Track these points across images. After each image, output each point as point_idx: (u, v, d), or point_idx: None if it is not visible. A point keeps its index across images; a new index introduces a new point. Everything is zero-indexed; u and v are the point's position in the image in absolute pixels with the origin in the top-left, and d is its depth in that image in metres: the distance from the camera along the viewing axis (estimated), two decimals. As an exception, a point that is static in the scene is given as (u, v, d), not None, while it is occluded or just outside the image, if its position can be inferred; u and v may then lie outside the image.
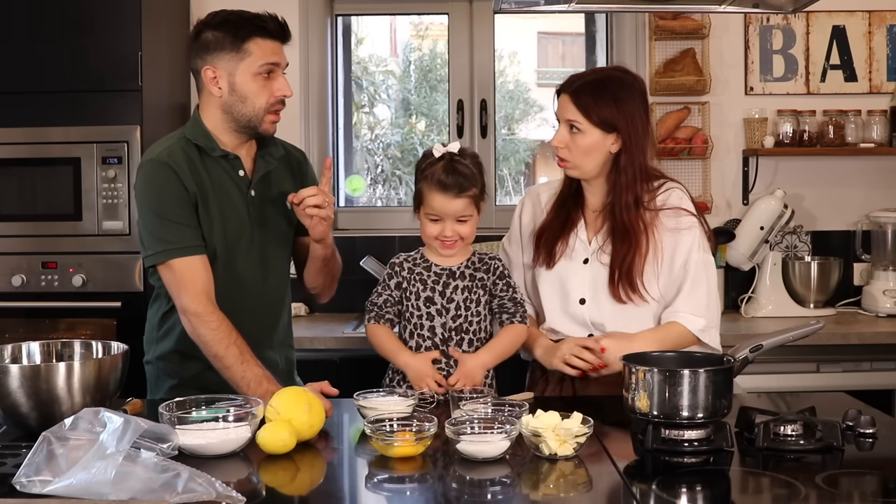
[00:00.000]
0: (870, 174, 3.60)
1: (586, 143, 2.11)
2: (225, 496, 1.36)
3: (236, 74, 2.04)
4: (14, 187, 3.08)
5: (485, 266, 2.15)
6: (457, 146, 2.12)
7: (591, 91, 2.11)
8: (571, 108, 2.11)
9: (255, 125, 2.08)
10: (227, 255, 2.10)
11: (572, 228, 2.21)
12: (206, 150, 2.10)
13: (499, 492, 1.50)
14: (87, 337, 2.92)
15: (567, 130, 2.13)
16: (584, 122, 2.10)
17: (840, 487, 1.50)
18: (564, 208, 2.23)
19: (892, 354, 3.06)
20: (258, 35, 2.03)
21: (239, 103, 2.06)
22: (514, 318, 2.14)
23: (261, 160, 2.16)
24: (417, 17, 4.01)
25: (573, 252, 2.19)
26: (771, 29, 3.58)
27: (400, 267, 2.16)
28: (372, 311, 2.16)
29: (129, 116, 3.03)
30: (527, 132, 4.15)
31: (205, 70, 2.06)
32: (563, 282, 2.19)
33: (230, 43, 2.03)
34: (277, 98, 2.07)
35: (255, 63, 2.03)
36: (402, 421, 1.68)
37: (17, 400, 1.68)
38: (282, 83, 2.07)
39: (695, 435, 1.61)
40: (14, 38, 3.05)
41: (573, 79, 2.16)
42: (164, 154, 2.08)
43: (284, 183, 2.20)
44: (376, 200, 4.03)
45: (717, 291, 2.20)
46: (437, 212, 2.08)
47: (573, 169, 2.16)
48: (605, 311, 2.15)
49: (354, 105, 3.98)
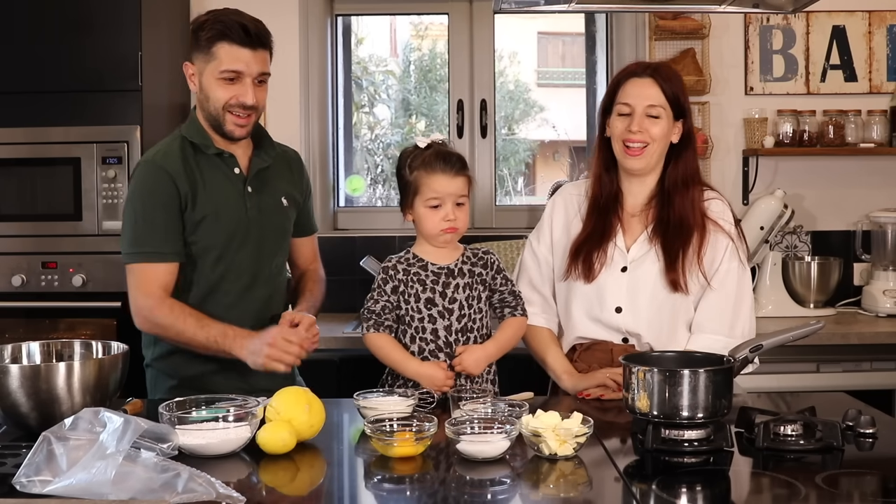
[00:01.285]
0: (870, 174, 3.60)
1: (662, 130, 2.09)
2: (225, 496, 1.36)
3: (204, 75, 2.11)
4: (14, 187, 3.08)
5: (481, 261, 2.13)
6: (441, 137, 2.14)
7: (669, 74, 2.10)
8: (655, 93, 2.08)
9: (220, 124, 2.13)
10: (223, 251, 2.13)
11: (610, 237, 2.15)
12: (200, 148, 2.15)
13: (499, 492, 1.50)
14: (87, 337, 2.92)
15: (644, 117, 2.08)
16: (665, 105, 2.08)
17: (840, 487, 1.50)
18: (601, 216, 2.17)
19: (892, 354, 3.06)
20: (223, 40, 2.08)
21: (205, 101, 2.14)
22: (516, 311, 2.14)
23: (256, 158, 2.21)
24: (417, 17, 4.01)
25: (611, 261, 2.15)
26: (771, 29, 3.58)
27: (394, 269, 2.10)
28: (370, 318, 2.08)
29: (129, 116, 3.04)
30: (527, 132, 4.15)
31: (184, 66, 2.15)
32: (601, 290, 2.14)
33: (203, 44, 2.10)
34: (238, 102, 2.09)
35: (218, 68, 2.09)
36: (402, 421, 1.68)
37: (17, 400, 1.68)
38: (243, 89, 2.10)
39: (695, 435, 1.61)
40: (14, 38, 3.05)
41: (641, 66, 2.13)
42: (159, 156, 2.14)
43: (280, 180, 2.26)
44: (376, 200, 4.03)
45: (750, 303, 2.15)
46: (439, 193, 2.05)
47: (646, 157, 2.10)
48: (641, 320, 2.12)
49: (354, 105, 3.98)
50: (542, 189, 4.03)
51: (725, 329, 2.10)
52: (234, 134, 2.14)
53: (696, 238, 2.11)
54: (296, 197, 2.30)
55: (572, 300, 2.19)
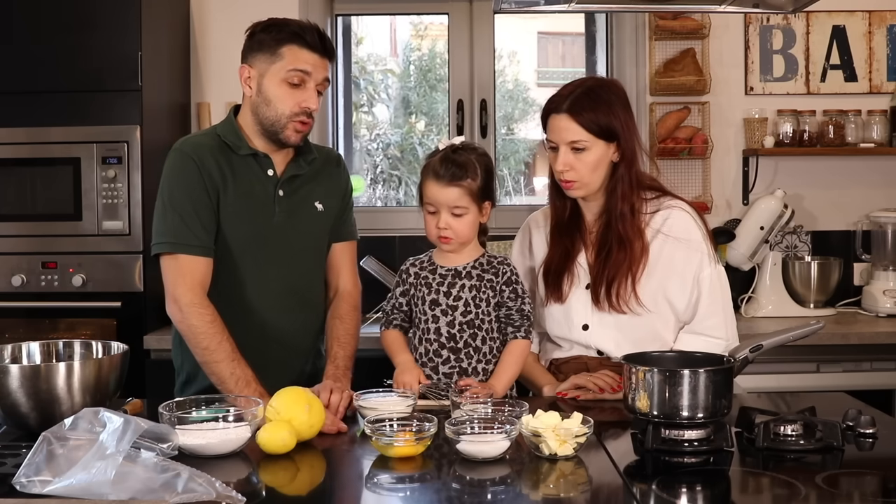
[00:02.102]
0: (870, 174, 3.60)
1: (593, 159, 2.05)
2: (225, 496, 1.36)
3: (266, 77, 2.07)
4: (14, 187, 3.08)
5: (493, 269, 2.10)
6: (460, 140, 2.11)
7: (587, 104, 2.03)
8: (574, 128, 2.03)
9: (277, 130, 2.08)
10: (246, 253, 2.10)
11: (574, 256, 2.16)
12: (233, 149, 2.11)
13: (499, 492, 1.50)
14: (87, 337, 2.92)
15: (569, 151, 2.05)
16: (588, 137, 2.03)
17: (840, 487, 1.50)
18: (563, 237, 2.18)
19: (892, 354, 3.06)
20: (294, 42, 2.05)
21: (264, 105, 2.08)
22: (519, 332, 2.09)
23: (293, 163, 2.17)
24: (417, 17, 4.02)
25: (577, 279, 2.15)
26: (771, 29, 3.58)
27: (406, 273, 2.14)
28: (383, 317, 2.19)
29: (129, 116, 3.04)
30: (526, 132, 4.15)
31: (241, 68, 2.10)
32: (568, 309, 2.15)
33: (268, 46, 2.06)
34: (302, 109, 2.07)
35: (285, 68, 2.05)
36: (402, 421, 1.68)
37: (17, 400, 1.68)
38: (309, 95, 2.07)
39: (695, 435, 1.61)
40: (14, 39, 3.05)
41: (560, 98, 2.07)
42: (189, 147, 2.10)
43: (317, 185, 2.20)
44: (376, 200, 4.03)
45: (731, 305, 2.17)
46: (431, 201, 2.05)
47: (581, 188, 2.08)
48: (608, 337, 2.13)
49: (354, 105, 3.98)
50: (542, 189, 4.03)
51: (721, 332, 2.11)
52: (291, 140, 2.09)
53: (632, 258, 2.08)
54: (332, 202, 2.24)
55: (545, 319, 2.21)
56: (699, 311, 2.11)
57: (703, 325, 2.11)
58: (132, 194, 3.03)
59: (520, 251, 2.31)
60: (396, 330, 2.16)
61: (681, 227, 2.11)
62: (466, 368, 2.08)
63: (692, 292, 2.10)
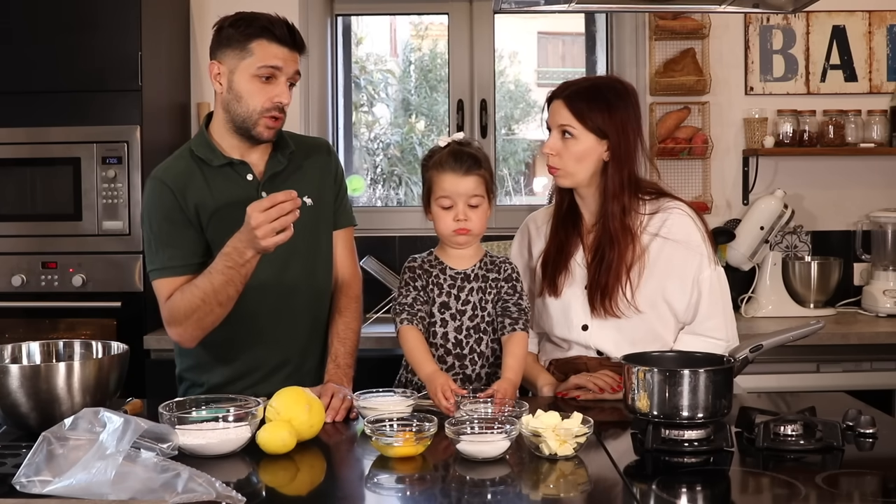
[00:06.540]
0: (870, 174, 3.60)
1: (579, 150, 2.08)
2: (225, 496, 1.36)
3: (236, 73, 2.03)
4: (14, 187, 3.08)
5: (496, 268, 2.10)
6: (461, 135, 2.12)
7: (586, 96, 2.08)
8: (565, 113, 2.08)
9: (248, 127, 2.06)
10: None
11: (571, 255, 2.17)
12: (207, 162, 2.09)
13: (499, 492, 1.50)
14: (87, 337, 2.92)
15: (559, 137, 2.09)
16: (578, 126, 2.07)
17: (840, 487, 1.50)
18: (561, 232, 2.19)
19: (892, 354, 3.06)
20: (263, 37, 2.01)
21: (235, 102, 2.05)
22: (517, 325, 2.07)
23: (271, 161, 2.14)
24: (417, 17, 4.02)
25: (574, 279, 2.16)
26: (771, 29, 3.58)
27: (420, 269, 2.09)
28: (402, 311, 2.04)
29: (129, 116, 3.04)
30: (527, 132, 4.15)
31: (210, 64, 2.07)
32: (566, 309, 2.16)
33: (237, 41, 2.02)
34: (274, 103, 2.04)
35: (255, 64, 2.02)
36: (402, 421, 1.68)
37: (17, 400, 1.68)
38: (280, 90, 2.04)
39: (695, 435, 1.61)
40: (14, 39, 3.05)
41: (566, 85, 2.13)
42: (161, 171, 2.11)
43: (301, 178, 2.16)
44: (376, 200, 4.03)
45: (731, 306, 2.18)
46: (449, 192, 2.02)
47: (564, 177, 2.12)
48: (607, 337, 2.12)
49: (354, 105, 3.98)
50: (542, 189, 4.03)
51: (722, 333, 2.11)
52: (263, 136, 2.07)
53: (624, 259, 2.08)
54: (323, 193, 2.21)
55: (544, 319, 2.21)
56: (699, 313, 2.11)
57: (703, 326, 2.11)
58: (132, 194, 3.03)
59: (519, 251, 2.32)
60: (417, 329, 2.03)
61: (680, 229, 2.11)
62: (470, 375, 2.08)
63: (692, 294, 2.10)
